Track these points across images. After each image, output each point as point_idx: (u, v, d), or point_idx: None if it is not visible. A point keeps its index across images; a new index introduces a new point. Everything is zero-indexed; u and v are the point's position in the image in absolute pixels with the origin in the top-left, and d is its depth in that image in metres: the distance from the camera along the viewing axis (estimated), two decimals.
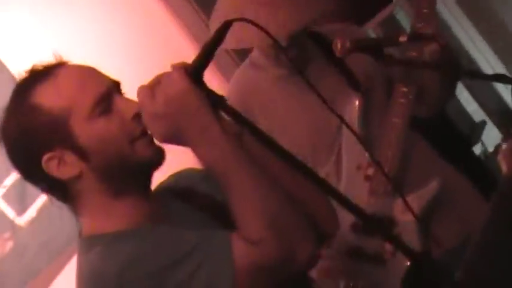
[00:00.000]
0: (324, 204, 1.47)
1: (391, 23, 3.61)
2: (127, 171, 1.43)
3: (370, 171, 2.19)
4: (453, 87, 2.32)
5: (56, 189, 1.46)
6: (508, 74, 3.22)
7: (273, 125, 2.15)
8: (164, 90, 1.36)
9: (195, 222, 1.47)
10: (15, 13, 2.82)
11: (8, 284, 2.67)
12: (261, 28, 1.40)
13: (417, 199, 2.12)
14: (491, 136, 3.87)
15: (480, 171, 3.30)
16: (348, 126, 1.64)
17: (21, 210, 2.71)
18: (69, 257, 2.67)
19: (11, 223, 2.71)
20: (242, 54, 2.30)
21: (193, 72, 1.38)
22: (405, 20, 3.92)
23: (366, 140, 2.21)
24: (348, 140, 2.22)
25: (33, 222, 2.71)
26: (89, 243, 1.43)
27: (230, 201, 1.36)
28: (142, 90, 1.39)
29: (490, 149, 3.99)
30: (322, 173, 2.23)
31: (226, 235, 1.35)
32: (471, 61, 3.76)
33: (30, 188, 2.62)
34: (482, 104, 3.49)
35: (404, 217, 2.14)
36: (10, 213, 2.73)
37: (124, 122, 1.42)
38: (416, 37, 2.01)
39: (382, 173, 2.10)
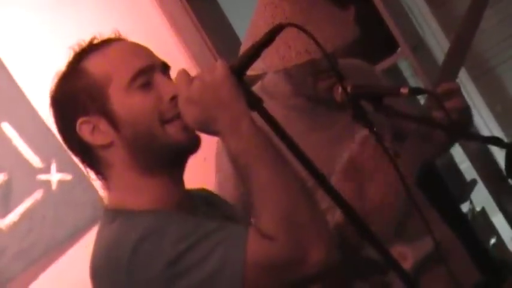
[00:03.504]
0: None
1: (394, 72, 3.64)
2: (156, 150, 1.45)
3: None
4: (453, 143, 2.33)
5: (88, 156, 1.49)
6: (504, 138, 3.24)
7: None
8: (202, 77, 1.39)
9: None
10: (14, 10, 2.83)
11: None
12: (312, 37, 1.46)
13: (413, 251, 2.11)
14: (480, 196, 3.87)
15: (466, 229, 3.30)
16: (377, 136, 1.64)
17: (4, 212, 2.69)
18: (45, 267, 2.66)
19: None
20: None
21: (236, 68, 1.40)
22: (408, 71, 3.95)
23: None
24: None
25: (14, 226, 2.69)
26: (113, 215, 1.45)
27: (250, 192, 1.36)
28: (181, 73, 1.42)
29: (478, 209, 4.00)
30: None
31: (245, 227, 1.36)
32: None
33: (16, 192, 2.66)
34: (474, 164, 3.49)
35: None
36: None
37: (161, 101, 1.45)
38: (417, 91, 2.02)
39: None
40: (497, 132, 3.71)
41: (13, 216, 2.70)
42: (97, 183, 1.55)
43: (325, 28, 2.06)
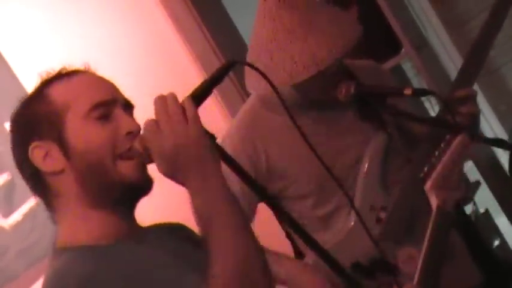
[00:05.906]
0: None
1: (397, 73, 3.63)
2: (105, 185, 1.44)
3: (383, 214, 2.18)
4: None
5: (37, 182, 1.48)
6: (507, 138, 3.23)
7: (284, 155, 2.16)
8: (174, 129, 1.36)
9: (171, 253, 1.46)
10: (17, 8, 2.84)
11: None
12: (263, 75, 1.45)
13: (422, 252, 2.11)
14: (483, 197, 3.86)
15: (469, 231, 3.29)
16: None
17: (7, 212, 2.70)
18: None
19: None
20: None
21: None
22: (411, 71, 3.94)
23: (383, 183, 2.21)
24: (365, 179, 2.21)
25: (17, 226, 2.70)
26: (59, 253, 1.44)
27: (209, 243, 1.35)
28: (149, 124, 1.38)
29: (481, 210, 3.99)
30: (332, 204, 2.22)
31: (198, 282, 1.33)
32: None
33: (19, 192, 2.66)
34: (478, 165, 3.48)
35: (405, 268, 2.13)
36: None
37: (116, 135, 1.45)
38: (421, 92, 2.02)
39: (394, 217, 2.09)
40: (500, 133, 3.70)
41: (16, 216, 2.70)
42: None
43: (330, 32, 2.05)
